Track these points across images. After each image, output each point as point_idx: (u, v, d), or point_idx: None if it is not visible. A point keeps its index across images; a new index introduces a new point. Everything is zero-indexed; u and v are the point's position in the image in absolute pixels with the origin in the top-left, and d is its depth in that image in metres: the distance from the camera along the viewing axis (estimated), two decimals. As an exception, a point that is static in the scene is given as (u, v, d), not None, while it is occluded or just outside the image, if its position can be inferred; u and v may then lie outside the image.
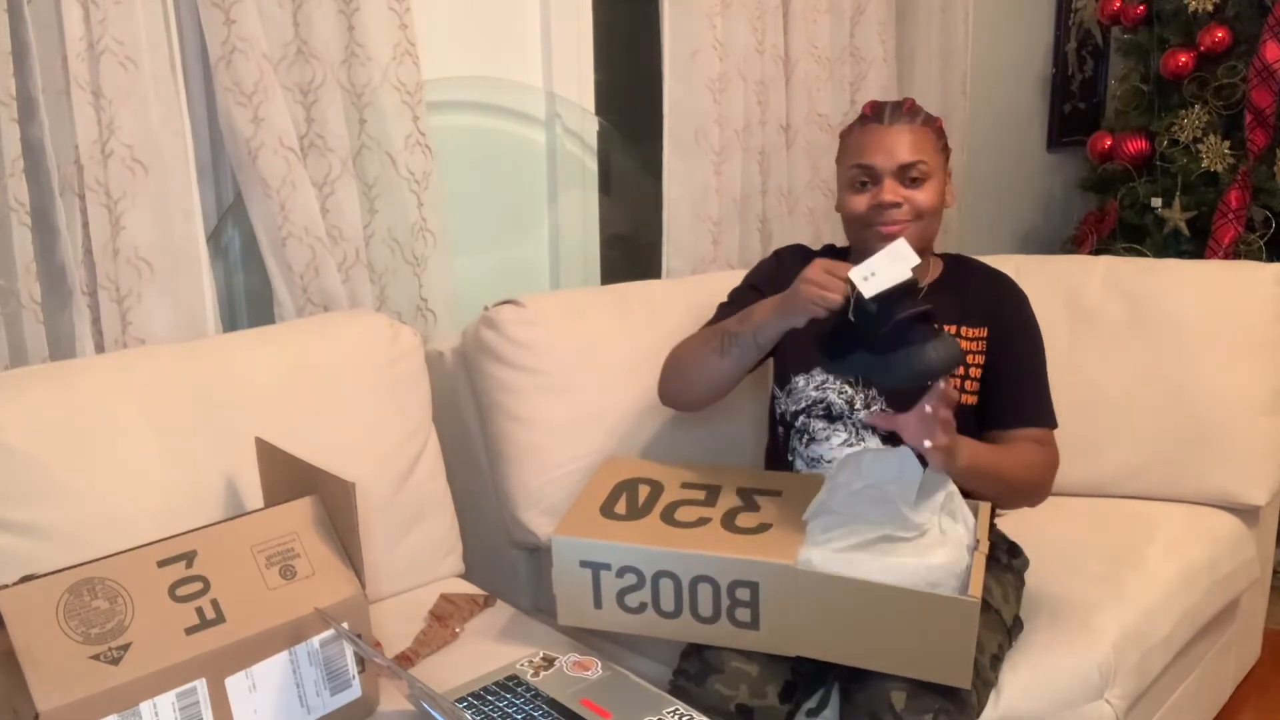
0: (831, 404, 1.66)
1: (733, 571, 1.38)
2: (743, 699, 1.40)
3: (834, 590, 1.35)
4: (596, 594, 1.45)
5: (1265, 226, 2.85)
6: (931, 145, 1.63)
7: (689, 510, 1.50)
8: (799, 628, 1.38)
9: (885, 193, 1.59)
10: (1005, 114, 3.44)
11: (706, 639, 1.43)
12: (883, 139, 1.61)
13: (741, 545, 1.41)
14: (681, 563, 1.40)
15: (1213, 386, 2.07)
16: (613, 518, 1.49)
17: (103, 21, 1.55)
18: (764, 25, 2.39)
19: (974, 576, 1.33)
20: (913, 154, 1.60)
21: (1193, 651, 1.95)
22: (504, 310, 1.84)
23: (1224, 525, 2.04)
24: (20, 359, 1.54)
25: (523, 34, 2.23)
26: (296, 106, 1.77)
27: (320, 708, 1.30)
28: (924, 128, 1.63)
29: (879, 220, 1.61)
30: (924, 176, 1.61)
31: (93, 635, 1.16)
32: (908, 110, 1.63)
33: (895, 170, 1.60)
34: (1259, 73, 2.77)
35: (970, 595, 1.31)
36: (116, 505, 1.43)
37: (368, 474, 1.64)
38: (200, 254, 1.70)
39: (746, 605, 1.39)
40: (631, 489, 1.56)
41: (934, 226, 1.65)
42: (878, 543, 1.37)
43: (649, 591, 1.43)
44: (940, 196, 1.64)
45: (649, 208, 2.39)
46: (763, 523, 1.46)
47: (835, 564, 1.36)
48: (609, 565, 1.44)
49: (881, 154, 1.60)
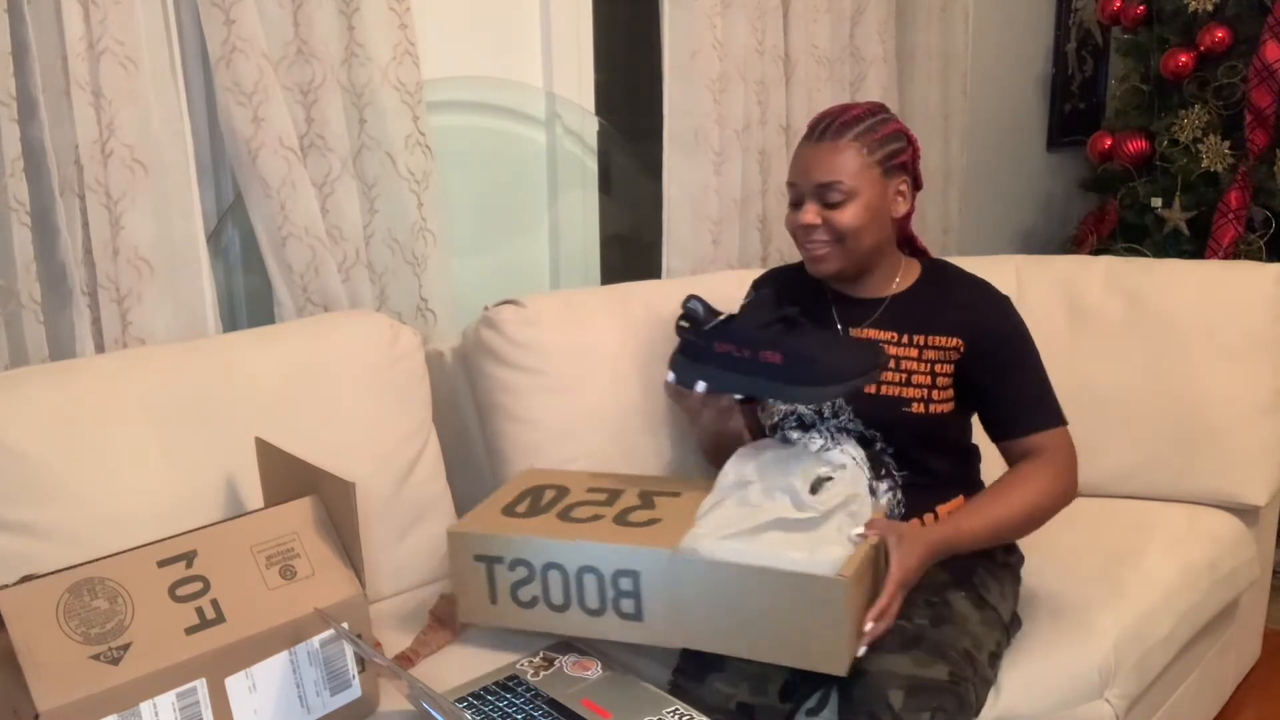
0: (802, 415, 1.66)
1: (615, 560, 1.40)
2: (743, 697, 1.40)
3: (710, 576, 1.35)
4: (492, 589, 1.48)
5: (1265, 226, 2.85)
6: (856, 164, 1.55)
7: (586, 509, 1.52)
8: (681, 618, 1.38)
9: (803, 215, 1.58)
10: (1005, 114, 3.44)
11: (596, 633, 1.44)
12: (806, 157, 1.58)
13: (626, 535, 1.42)
14: (567, 553, 1.43)
15: (1213, 386, 2.07)
16: (512, 516, 1.52)
17: (103, 21, 1.55)
18: (764, 25, 2.39)
19: (851, 558, 1.32)
20: (828, 174, 1.55)
21: (1193, 651, 1.95)
22: (504, 310, 1.84)
23: (1224, 525, 2.04)
24: (20, 359, 1.54)
25: (523, 34, 2.23)
26: (296, 106, 1.77)
27: (320, 708, 1.31)
28: (853, 144, 1.56)
29: (804, 241, 1.60)
30: (845, 197, 1.55)
31: (93, 635, 1.16)
32: (838, 126, 1.57)
33: (813, 190, 1.57)
34: (1259, 73, 2.77)
35: (840, 574, 1.29)
36: (116, 505, 1.43)
37: (368, 474, 1.64)
38: (200, 254, 1.70)
39: (630, 596, 1.40)
40: (537, 493, 1.59)
41: (868, 241, 1.58)
42: (767, 530, 1.36)
43: (539, 584, 1.45)
44: (866, 214, 1.56)
45: (649, 208, 2.39)
46: (654, 518, 1.47)
47: (718, 551, 1.36)
48: (501, 559, 1.47)
49: (801, 172, 1.58)
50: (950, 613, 1.48)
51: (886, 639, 1.42)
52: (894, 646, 1.41)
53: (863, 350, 1.49)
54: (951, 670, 1.39)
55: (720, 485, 1.48)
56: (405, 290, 1.95)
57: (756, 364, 1.50)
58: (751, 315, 1.54)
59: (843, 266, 1.60)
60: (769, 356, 1.49)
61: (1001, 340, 1.59)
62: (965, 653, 1.43)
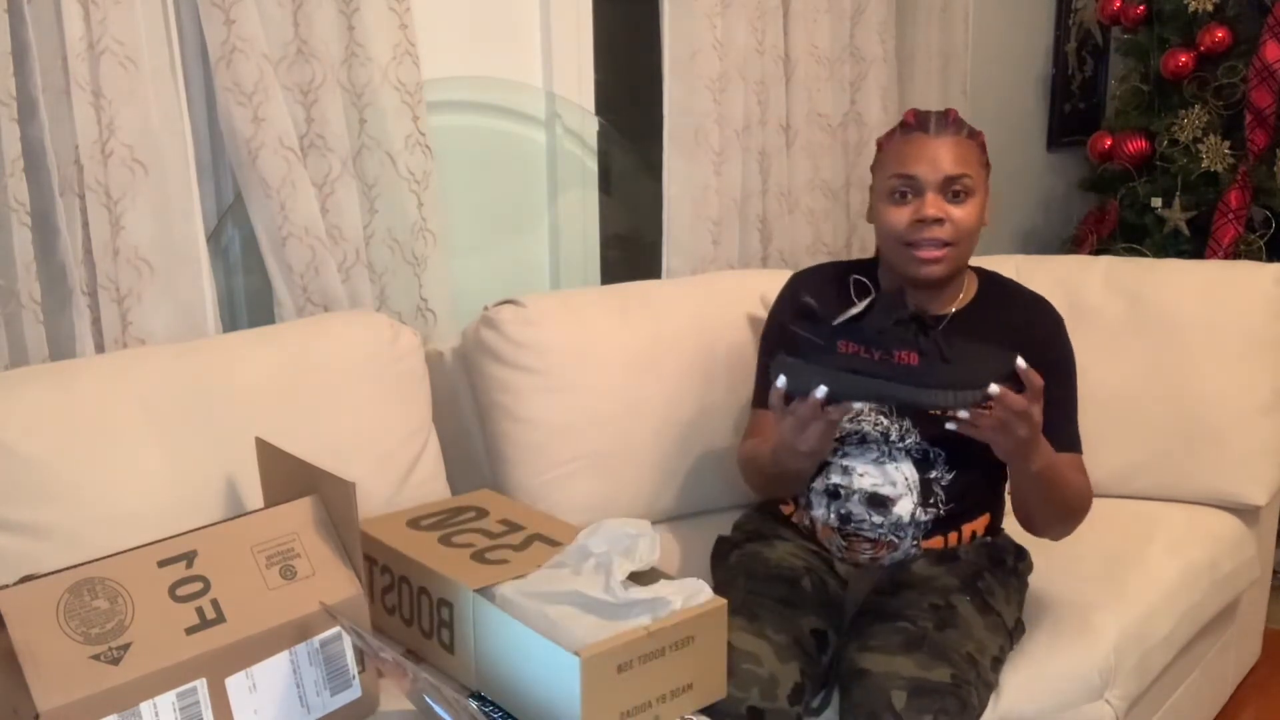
0: (866, 434, 1.62)
1: (440, 587, 1.40)
2: (754, 701, 1.38)
3: (489, 621, 1.32)
4: (371, 588, 1.50)
5: (1265, 226, 2.85)
6: (976, 159, 1.56)
7: (472, 537, 1.51)
8: (475, 659, 1.36)
9: (928, 206, 1.51)
10: (1005, 114, 3.44)
11: (426, 654, 1.44)
12: (927, 148, 1.52)
13: (459, 568, 1.40)
14: (412, 569, 1.44)
15: (1213, 386, 2.07)
16: (416, 528, 1.54)
17: (103, 21, 1.55)
18: (764, 25, 2.39)
19: (608, 641, 1.23)
20: (958, 166, 1.52)
21: (1193, 651, 1.95)
22: (504, 310, 1.84)
23: (1224, 525, 2.04)
24: (20, 359, 1.54)
25: (523, 34, 2.23)
26: (296, 106, 1.77)
27: (321, 707, 1.30)
28: (969, 140, 1.56)
29: (918, 239, 1.53)
30: (968, 191, 1.53)
31: (93, 635, 1.16)
32: (953, 121, 1.56)
33: (940, 183, 1.52)
34: (1259, 73, 2.77)
35: (580, 652, 1.19)
36: (116, 505, 1.43)
37: (368, 474, 1.64)
38: (200, 254, 1.70)
39: (447, 625, 1.39)
40: (459, 514, 1.59)
41: (971, 249, 1.57)
42: (562, 600, 1.31)
43: (396, 594, 1.47)
44: (981, 215, 1.57)
45: (649, 208, 2.39)
46: (507, 559, 1.44)
47: (508, 604, 1.32)
48: (376, 560, 1.50)
49: (925, 164, 1.52)
50: (955, 617, 1.48)
51: (890, 639, 1.42)
52: (897, 648, 1.41)
53: (996, 355, 1.38)
54: (954, 673, 1.39)
55: (568, 547, 1.40)
56: (405, 290, 1.95)
57: (890, 365, 1.36)
58: (881, 314, 1.39)
59: (949, 271, 1.56)
60: (904, 357, 1.36)
61: (1050, 365, 1.51)
62: (968, 656, 1.43)
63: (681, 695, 1.30)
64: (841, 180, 2.61)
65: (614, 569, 1.31)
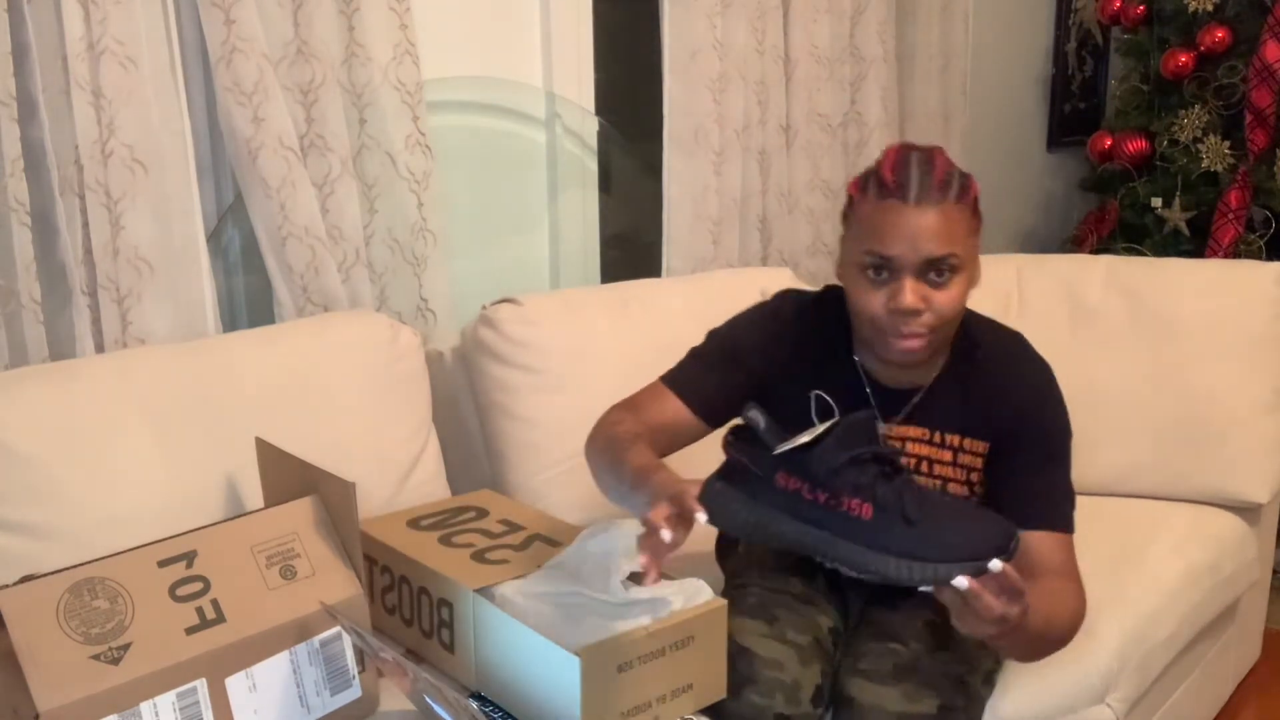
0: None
1: (440, 587, 1.40)
2: (779, 708, 1.34)
3: (489, 621, 1.32)
4: (371, 588, 1.50)
5: (1265, 226, 2.85)
6: (965, 227, 1.31)
7: (472, 537, 1.51)
8: (475, 659, 1.36)
9: (905, 295, 1.29)
10: (1005, 114, 3.44)
11: (426, 655, 1.43)
12: (906, 223, 1.28)
13: (459, 568, 1.41)
14: (412, 569, 1.44)
15: (1213, 386, 2.07)
16: (416, 528, 1.54)
17: (103, 21, 1.55)
18: (764, 25, 2.39)
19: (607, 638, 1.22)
20: (943, 246, 1.28)
21: (1193, 652, 1.95)
22: (502, 309, 1.84)
23: (1225, 525, 2.04)
24: (20, 359, 1.54)
25: (523, 34, 2.23)
26: (296, 106, 1.77)
27: (321, 707, 1.30)
28: (958, 204, 1.30)
29: (895, 329, 1.32)
30: (954, 270, 1.30)
31: (93, 635, 1.16)
32: (939, 184, 1.29)
33: (919, 265, 1.29)
34: (1259, 73, 2.77)
35: (580, 652, 1.18)
36: (116, 505, 1.43)
37: (368, 474, 1.64)
38: (200, 254, 1.70)
39: (447, 625, 1.39)
40: (459, 514, 1.59)
41: (957, 323, 1.36)
42: (565, 599, 1.30)
43: (396, 594, 1.47)
44: (969, 288, 1.34)
45: (649, 208, 2.39)
46: (507, 559, 1.44)
47: (508, 604, 1.32)
48: (376, 560, 1.50)
49: (903, 244, 1.28)
50: (947, 636, 1.42)
51: (881, 663, 1.40)
52: (887, 675, 1.39)
53: (988, 525, 1.16)
54: (941, 703, 1.36)
55: (568, 547, 1.39)
56: (405, 290, 1.95)
57: (835, 515, 1.15)
58: (836, 444, 1.16)
59: (930, 351, 1.36)
60: (856, 507, 1.15)
61: (1031, 441, 1.41)
62: (958, 680, 1.40)
63: (681, 695, 1.30)
64: (841, 180, 2.61)
65: (614, 569, 1.30)
